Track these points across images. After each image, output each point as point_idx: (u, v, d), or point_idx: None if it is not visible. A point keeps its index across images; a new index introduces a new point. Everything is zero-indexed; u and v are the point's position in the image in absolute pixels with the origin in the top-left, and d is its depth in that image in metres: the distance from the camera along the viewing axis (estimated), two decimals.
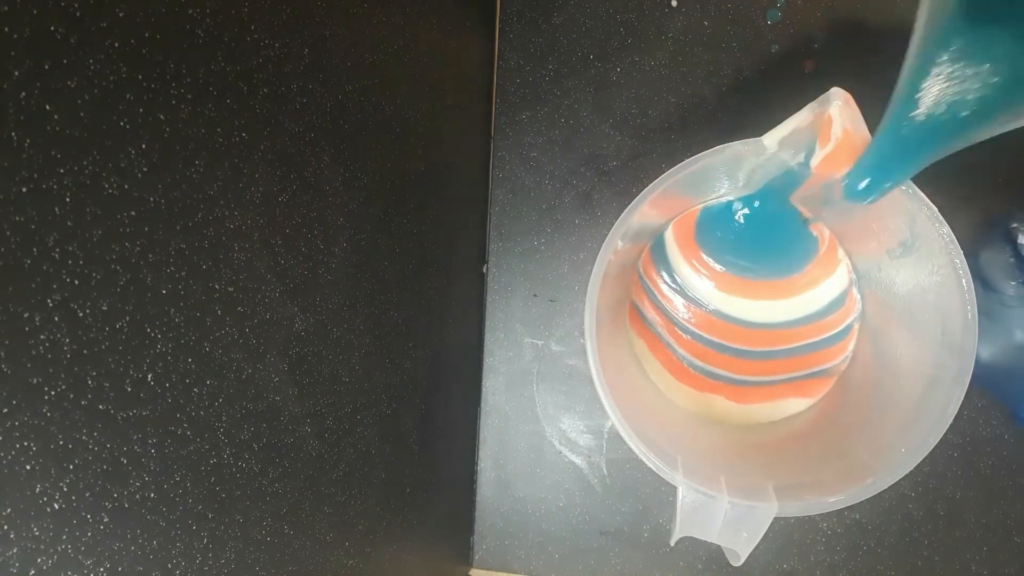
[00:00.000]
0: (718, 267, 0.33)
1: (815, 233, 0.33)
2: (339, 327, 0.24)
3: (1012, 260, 0.29)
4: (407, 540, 0.31)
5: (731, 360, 0.33)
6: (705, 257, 0.33)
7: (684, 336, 0.33)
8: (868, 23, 0.34)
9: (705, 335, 0.33)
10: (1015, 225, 0.29)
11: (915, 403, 0.26)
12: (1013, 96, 0.19)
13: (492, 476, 0.39)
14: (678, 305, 0.34)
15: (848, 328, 0.32)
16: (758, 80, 0.35)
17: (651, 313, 0.34)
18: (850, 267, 0.33)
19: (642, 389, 0.33)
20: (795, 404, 0.33)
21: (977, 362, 0.23)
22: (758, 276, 0.33)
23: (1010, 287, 0.29)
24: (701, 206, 0.34)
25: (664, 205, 0.31)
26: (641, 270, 0.34)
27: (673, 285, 0.34)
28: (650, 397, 0.33)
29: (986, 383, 0.28)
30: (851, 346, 0.33)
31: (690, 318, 0.34)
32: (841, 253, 0.33)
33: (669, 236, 0.34)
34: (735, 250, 0.33)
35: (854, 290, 0.33)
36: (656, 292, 0.34)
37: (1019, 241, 0.29)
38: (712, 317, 0.33)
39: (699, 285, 0.33)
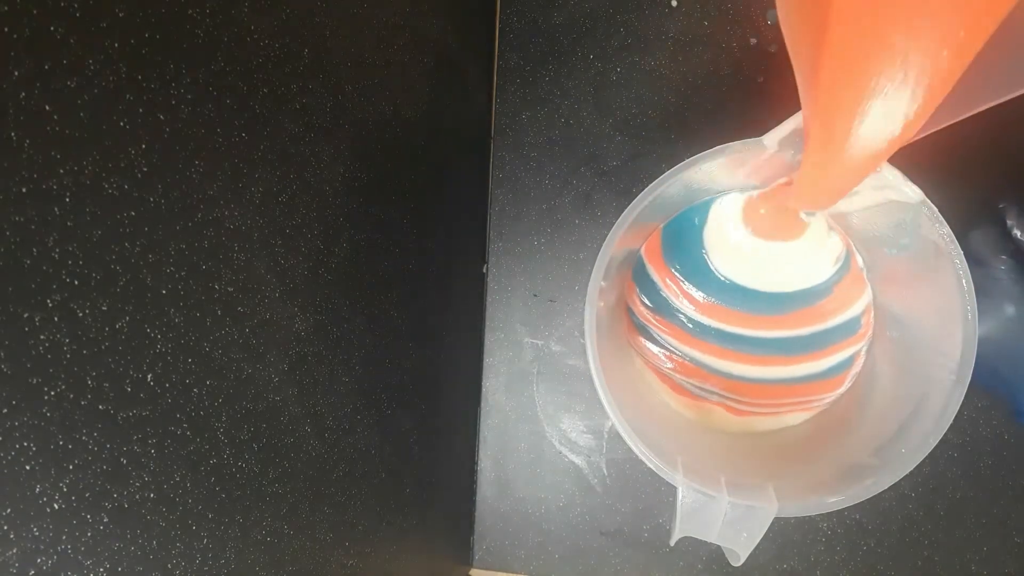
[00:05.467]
0: (698, 295, 0.32)
1: (838, 258, 0.30)
2: (339, 327, 0.24)
3: (1001, 237, 0.30)
4: (407, 540, 0.31)
5: (728, 382, 0.32)
6: (683, 284, 0.32)
7: (676, 356, 0.33)
8: None
9: (697, 356, 0.32)
10: (1003, 205, 0.30)
11: (915, 403, 0.26)
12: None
13: (492, 476, 0.39)
14: (661, 327, 0.32)
15: (853, 356, 0.31)
16: (758, 80, 0.35)
17: (642, 335, 0.33)
18: (871, 291, 0.31)
19: (642, 390, 0.33)
20: (794, 418, 0.33)
21: (978, 343, 0.24)
22: (748, 311, 0.32)
23: (1001, 261, 0.30)
24: (663, 223, 0.32)
25: (659, 212, 0.31)
26: (627, 290, 0.33)
27: (653, 308, 0.33)
28: (650, 398, 0.33)
29: (986, 374, 0.28)
30: (853, 374, 0.31)
31: (675, 340, 0.32)
32: (864, 273, 0.31)
33: (644, 255, 0.33)
34: (713, 284, 0.31)
35: (870, 315, 0.31)
36: (640, 316, 0.33)
37: (1008, 220, 0.30)
38: (699, 339, 0.32)
39: (680, 308, 0.32)
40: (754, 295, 0.32)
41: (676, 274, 0.32)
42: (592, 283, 0.27)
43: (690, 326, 0.32)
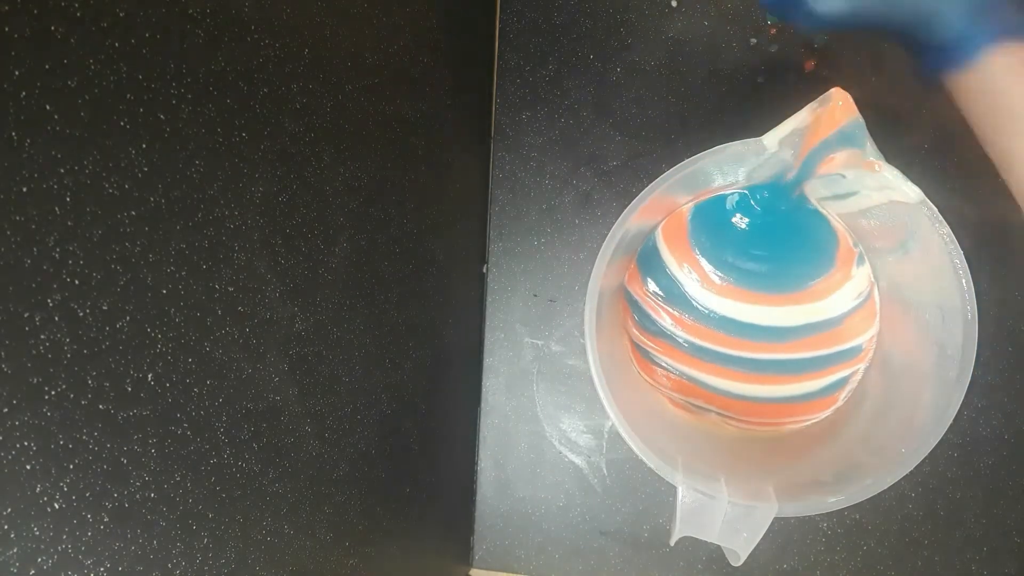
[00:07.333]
0: (686, 318, 0.31)
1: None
2: (339, 327, 0.24)
3: None
4: (407, 540, 0.31)
5: (723, 400, 0.32)
6: (669, 309, 0.32)
7: (672, 375, 0.32)
8: None
9: (692, 374, 0.32)
10: None
11: (915, 403, 0.26)
12: None
13: (492, 476, 0.39)
14: (655, 346, 0.32)
15: (851, 375, 0.31)
16: (758, 80, 0.35)
17: (641, 355, 0.33)
18: (879, 323, 0.31)
19: (642, 390, 0.33)
20: (792, 426, 0.32)
21: None
22: (740, 338, 0.31)
23: None
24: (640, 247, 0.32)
25: (655, 218, 0.31)
26: (621, 312, 0.33)
27: (644, 327, 0.32)
28: (650, 398, 0.33)
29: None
30: (849, 391, 0.31)
31: (669, 359, 0.32)
32: (879, 307, 0.31)
33: (626, 283, 0.33)
34: (697, 313, 0.31)
35: (873, 341, 0.31)
36: (635, 337, 0.33)
37: None
38: (692, 357, 0.32)
39: (670, 330, 0.32)
40: (744, 326, 0.31)
41: (658, 299, 0.32)
42: (593, 279, 0.27)
43: (685, 346, 0.32)
